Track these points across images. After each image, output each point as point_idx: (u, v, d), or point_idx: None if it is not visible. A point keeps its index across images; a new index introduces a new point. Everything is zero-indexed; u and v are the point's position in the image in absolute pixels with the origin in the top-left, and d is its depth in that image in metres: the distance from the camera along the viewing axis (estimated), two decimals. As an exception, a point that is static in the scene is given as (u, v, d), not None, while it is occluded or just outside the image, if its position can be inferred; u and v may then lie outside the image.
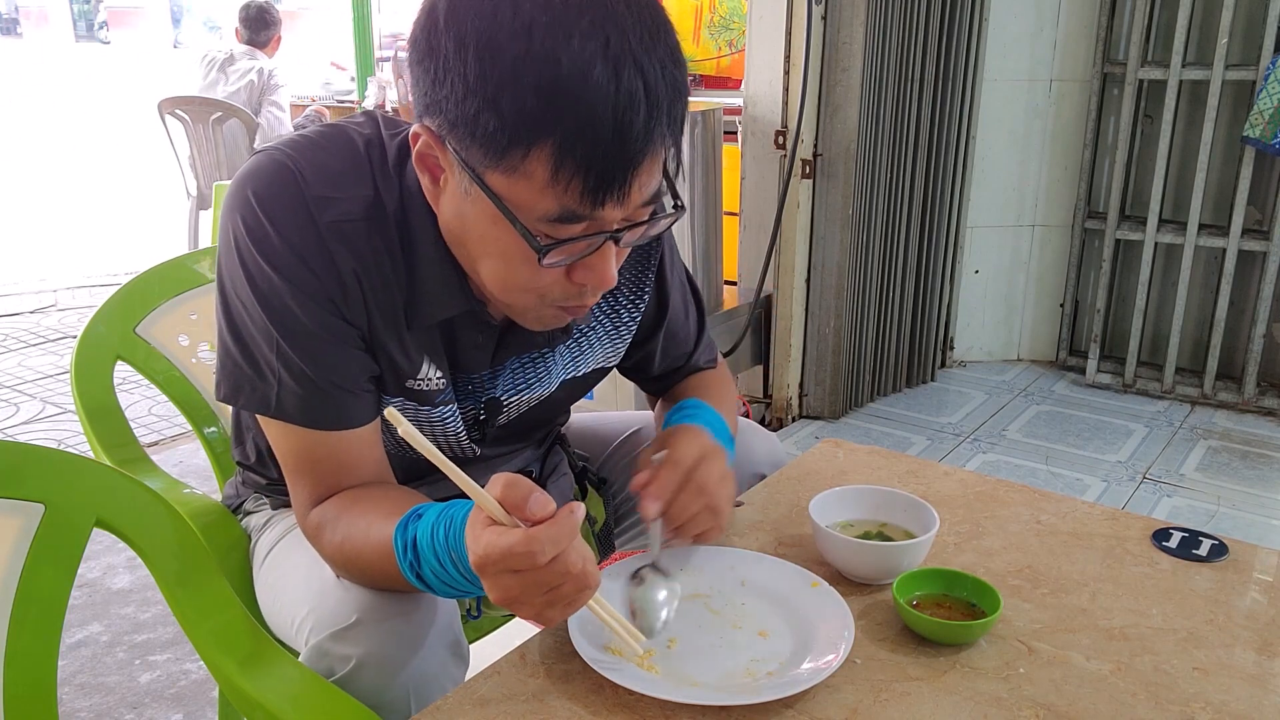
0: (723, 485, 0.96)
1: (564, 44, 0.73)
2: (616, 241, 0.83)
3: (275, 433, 0.94)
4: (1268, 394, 3.11)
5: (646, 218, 0.84)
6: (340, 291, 0.89)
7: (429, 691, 0.88)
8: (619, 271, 1.07)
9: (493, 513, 0.75)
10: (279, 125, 4.52)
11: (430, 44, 0.78)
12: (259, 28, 4.58)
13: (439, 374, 0.97)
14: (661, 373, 1.21)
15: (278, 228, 0.86)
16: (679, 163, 0.86)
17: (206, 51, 4.70)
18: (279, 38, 4.68)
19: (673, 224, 0.89)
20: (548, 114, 0.74)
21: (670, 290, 1.14)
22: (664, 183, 0.84)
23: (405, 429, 0.72)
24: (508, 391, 1.04)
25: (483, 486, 1.17)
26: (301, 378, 0.89)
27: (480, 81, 0.75)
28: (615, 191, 0.78)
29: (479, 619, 1.23)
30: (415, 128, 0.83)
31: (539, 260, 0.80)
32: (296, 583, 1.01)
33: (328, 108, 4.95)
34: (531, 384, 1.06)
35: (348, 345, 0.91)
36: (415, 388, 0.97)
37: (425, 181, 0.86)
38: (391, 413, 0.73)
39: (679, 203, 0.88)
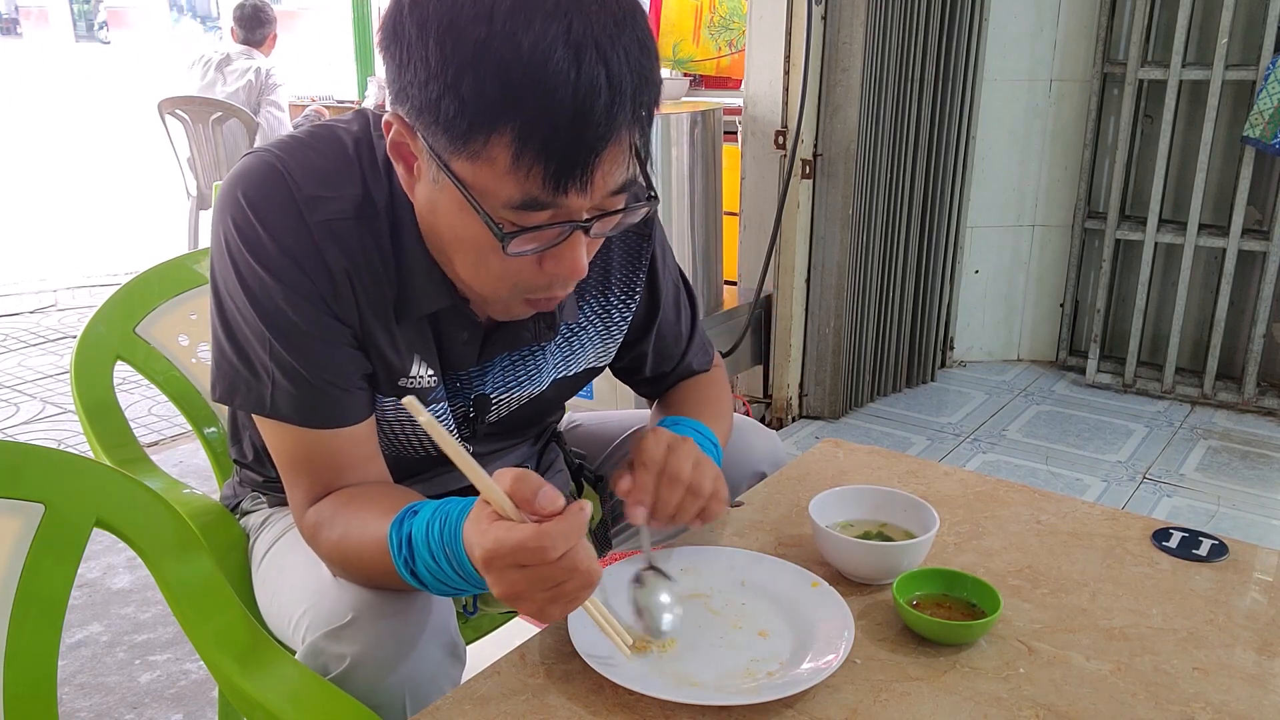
0: (698, 470, 0.96)
1: (524, 29, 0.73)
2: (587, 232, 0.83)
3: (271, 432, 0.94)
4: (1268, 394, 3.11)
5: (620, 207, 0.84)
6: (332, 290, 0.89)
7: (425, 691, 0.88)
8: (611, 270, 1.08)
9: (500, 506, 0.75)
10: (279, 125, 4.51)
11: (396, 29, 0.78)
12: (254, 26, 4.55)
13: (430, 371, 0.97)
14: (654, 374, 1.21)
15: (269, 229, 0.87)
16: (649, 153, 0.84)
17: (203, 52, 4.69)
18: (274, 36, 4.66)
19: (646, 214, 0.88)
20: (507, 99, 0.74)
21: (662, 290, 1.14)
22: (637, 173, 0.83)
23: (425, 419, 0.72)
24: (497, 389, 1.04)
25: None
26: (295, 377, 0.89)
27: (441, 66, 0.75)
28: (577, 179, 0.77)
29: (475, 616, 1.23)
30: (387, 116, 0.83)
31: (503, 248, 0.80)
32: (294, 582, 1.01)
33: (327, 108, 4.94)
34: (521, 381, 1.06)
35: (340, 344, 0.91)
36: (408, 386, 0.97)
37: (400, 170, 0.87)
38: (410, 401, 0.73)
39: (652, 193, 0.87)
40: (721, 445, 1.11)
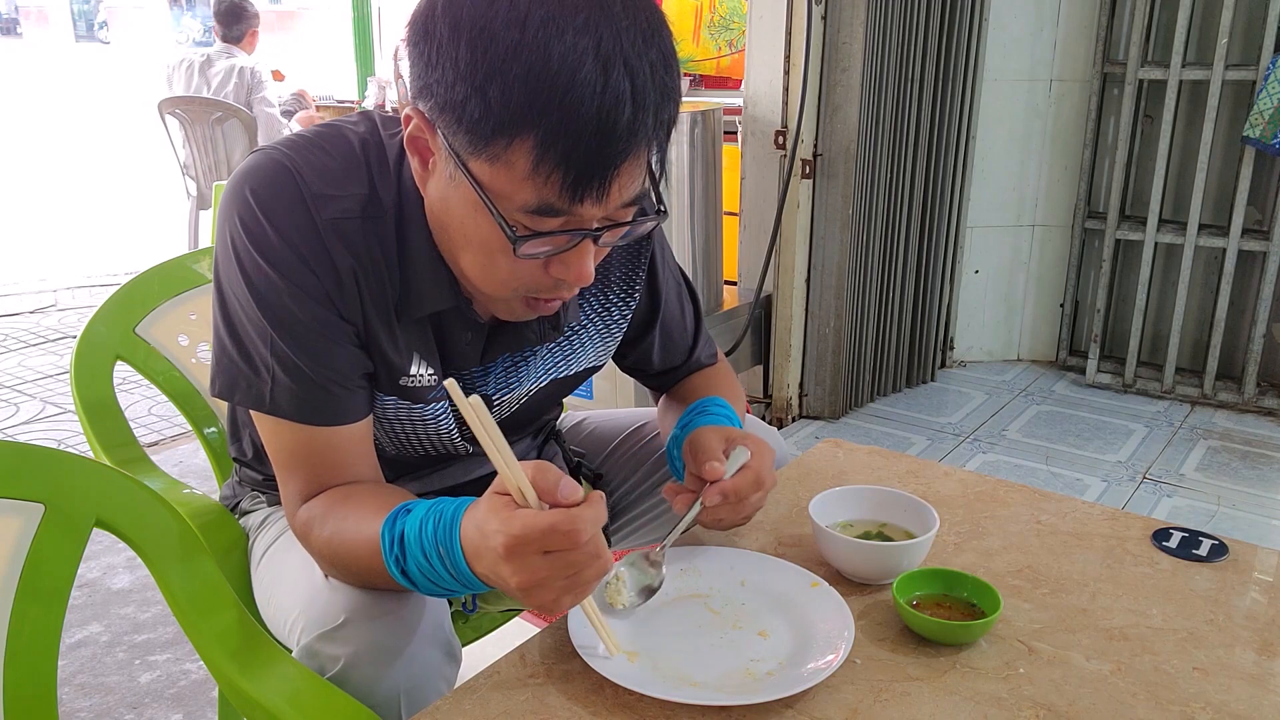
0: (758, 502, 1.00)
1: (556, 39, 0.74)
2: (595, 240, 0.84)
3: (268, 429, 0.94)
4: (1268, 394, 3.11)
5: (628, 219, 0.85)
6: (337, 288, 0.89)
7: (420, 692, 0.88)
8: (610, 270, 1.09)
9: (522, 491, 0.76)
10: (275, 122, 4.48)
11: (427, 27, 0.79)
12: (231, 22, 4.47)
13: (430, 370, 0.98)
14: (662, 369, 1.22)
15: (276, 225, 0.87)
16: (664, 168, 0.86)
17: (182, 56, 4.59)
18: (254, 33, 4.56)
19: (653, 229, 0.90)
20: (533, 106, 0.75)
21: (663, 288, 1.14)
22: (649, 185, 0.85)
23: (471, 401, 0.74)
24: (499, 389, 1.05)
25: (472, 483, 1.18)
26: (296, 373, 0.90)
27: (470, 69, 0.76)
28: (594, 189, 0.78)
29: (474, 614, 1.23)
30: (408, 110, 0.84)
31: (513, 250, 0.81)
32: (289, 583, 1.01)
33: (328, 108, 4.93)
34: (523, 380, 1.07)
35: (343, 341, 0.91)
36: (408, 385, 0.97)
37: (415, 164, 0.87)
38: (451, 384, 0.74)
39: (662, 207, 0.88)
40: None
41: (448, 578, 0.81)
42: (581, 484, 1.28)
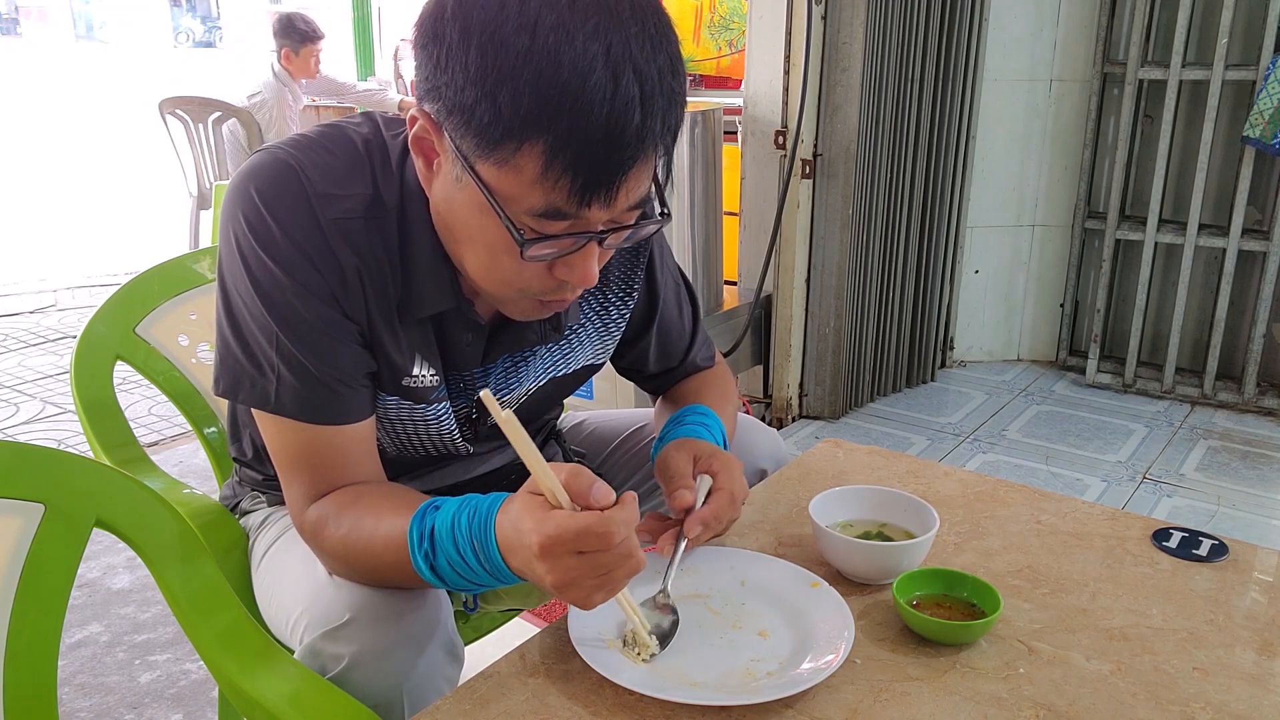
0: (736, 514, 1.00)
1: (566, 44, 0.74)
2: (600, 243, 0.85)
3: (272, 429, 0.94)
4: (1268, 394, 3.11)
5: (632, 222, 0.85)
6: (342, 288, 0.89)
7: (423, 691, 0.88)
8: (609, 269, 1.09)
9: (555, 495, 0.77)
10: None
11: (436, 30, 0.79)
12: (279, 38, 4.35)
13: (432, 371, 0.98)
14: (658, 371, 1.22)
15: (281, 224, 0.87)
16: (669, 171, 0.87)
17: (260, 92, 4.41)
18: (309, 54, 4.33)
19: (657, 231, 0.90)
20: (543, 112, 0.75)
21: (661, 288, 1.15)
22: (652, 189, 0.85)
23: (505, 416, 0.75)
24: (500, 390, 1.05)
25: (472, 481, 1.18)
26: (300, 372, 0.90)
27: (480, 73, 0.76)
28: (602, 194, 0.79)
29: (475, 613, 1.23)
30: (414, 111, 0.84)
31: (520, 253, 0.81)
32: (291, 582, 1.01)
33: (329, 108, 4.91)
34: (523, 380, 1.07)
35: (347, 340, 0.91)
36: (410, 385, 0.97)
37: (419, 165, 0.88)
38: (486, 395, 0.75)
39: (665, 210, 0.89)
40: (729, 440, 1.13)
41: (481, 571, 0.82)
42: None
